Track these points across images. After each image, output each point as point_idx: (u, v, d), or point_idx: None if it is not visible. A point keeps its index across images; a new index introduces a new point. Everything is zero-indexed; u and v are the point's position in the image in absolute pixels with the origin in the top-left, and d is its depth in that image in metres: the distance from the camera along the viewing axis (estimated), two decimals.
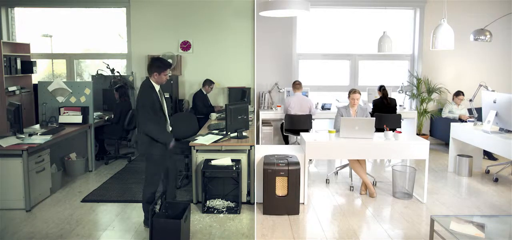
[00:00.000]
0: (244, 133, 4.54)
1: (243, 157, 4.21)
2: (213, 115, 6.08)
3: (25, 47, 6.95)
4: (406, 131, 6.25)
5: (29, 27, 7.53)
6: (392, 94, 6.55)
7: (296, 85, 6.12)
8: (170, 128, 3.70)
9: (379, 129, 4.89)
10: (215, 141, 4.28)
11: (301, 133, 4.79)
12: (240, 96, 6.97)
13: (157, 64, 3.49)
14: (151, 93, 3.44)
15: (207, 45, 7.22)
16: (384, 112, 5.91)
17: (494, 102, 4.84)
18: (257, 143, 6.45)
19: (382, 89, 6.09)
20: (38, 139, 4.32)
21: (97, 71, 6.97)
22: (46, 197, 4.44)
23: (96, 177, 5.24)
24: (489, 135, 4.75)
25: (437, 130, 7.22)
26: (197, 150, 4.23)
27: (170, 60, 5.75)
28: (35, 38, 7.47)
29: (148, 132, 3.43)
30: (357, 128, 4.38)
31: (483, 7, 7.14)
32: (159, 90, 3.55)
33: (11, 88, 6.48)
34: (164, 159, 3.63)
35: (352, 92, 4.87)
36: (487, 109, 4.97)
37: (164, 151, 3.57)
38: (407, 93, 7.21)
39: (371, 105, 6.22)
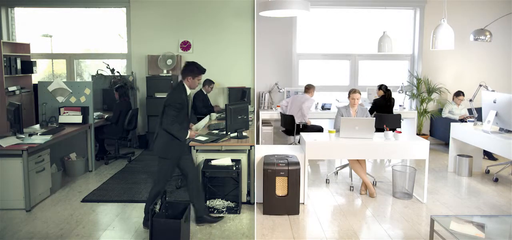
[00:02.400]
0: (244, 133, 4.54)
1: (243, 157, 4.21)
2: (213, 115, 6.08)
3: (25, 47, 6.95)
4: (406, 131, 6.27)
5: (29, 27, 7.53)
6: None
7: (305, 87, 6.24)
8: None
9: (379, 129, 4.89)
10: (215, 141, 4.28)
11: (301, 133, 4.79)
12: (240, 96, 6.97)
13: (191, 68, 3.58)
14: (180, 94, 3.53)
15: (207, 45, 7.22)
16: (385, 112, 5.91)
17: (494, 102, 4.84)
18: (257, 143, 6.45)
19: (386, 89, 6.08)
20: (38, 139, 4.32)
21: (97, 71, 6.97)
22: (46, 197, 4.44)
23: (96, 177, 5.24)
24: (489, 135, 4.75)
25: (437, 130, 7.22)
26: (197, 150, 4.23)
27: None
28: (35, 38, 7.48)
29: (169, 129, 3.47)
30: (357, 128, 4.38)
31: (483, 7, 7.14)
32: (189, 94, 3.63)
33: (11, 88, 6.48)
34: (177, 162, 3.65)
35: (352, 92, 4.87)
36: (487, 109, 4.97)
37: (179, 153, 3.60)
38: (407, 93, 7.21)
39: (370, 105, 6.23)
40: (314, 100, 6.42)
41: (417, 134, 6.67)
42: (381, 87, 6.16)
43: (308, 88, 6.18)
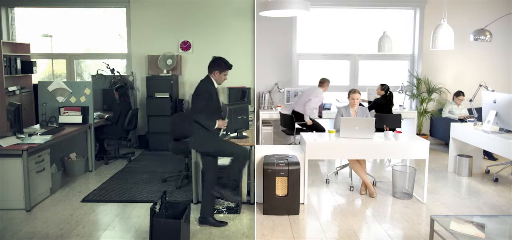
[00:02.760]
0: (244, 133, 4.54)
1: None
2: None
3: (25, 47, 6.95)
4: (406, 131, 6.26)
5: (29, 27, 7.53)
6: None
7: (319, 80, 6.13)
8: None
9: (379, 129, 4.90)
10: None
11: (301, 133, 4.80)
12: (240, 96, 6.97)
13: (218, 62, 3.62)
14: (208, 85, 3.57)
15: (207, 45, 7.22)
16: (384, 112, 5.91)
17: (494, 102, 4.84)
18: (257, 143, 6.45)
19: (387, 90, 6.06)
20: (38, 139, 4.32)
21: (97, 71, 6.97)
22: (46, 197, 4.44)
23: (96, 177, 5.24)
24: (489, 135, 4.75)
25: (437, 130, 7.22)
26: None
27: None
28: (35, 38, 7.48)
29: (197, 118, 3.52)
30: (357, 128, 4.38)
31: (483, 7, 7.14)
32: (216, 88, 3.67)
33: (11, 88, 6.48)
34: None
35: (352, 92, 4.87)
36: (487, 109, 4.97)
37: (218, 144, 3.69)
38: (407, 93, 7.21)
39: (367, 105, 6.23)
40: (323, 97, 6.19)
41: (417, 134, 6.67)
42: (383, 86, 6.13)
43: (322, 82, 6.06)
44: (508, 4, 7.07)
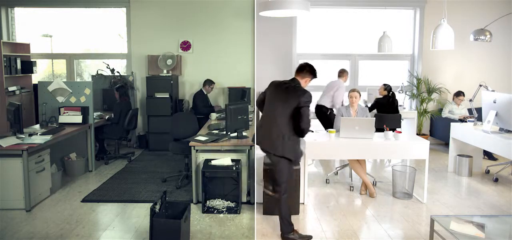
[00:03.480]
0: (244, 133, 4.54)
1: (243, 157, 4.22)
2: (213, 115, 6.08)
3: (25, 47, 6.95)
4: (406, 131, 6.26)
5: (29, 27, 7.53)
6: None
7: (338, 71, 6.09)
8: None
9: (379, 129, 4.89)
10: (215, 141, 4.28)
11: None
12: (240, 96, 6.97)
13: (313, 70, 3.54)
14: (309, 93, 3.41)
15: (207, 45, 7.22)
16: (387, 112, 5.89)
17: (494, 102, 4.84)
18: None
19: (390, 90, 6.04)
20: (38, 139, 4.32)
21: (97, 71, 6.97)
22: (46, 197, 4.44)
23: (96, 177, 5.24)
24: (489, 135, 4.75)
25: (437, 130, 7.22)
26: (197, 150, 4.23)
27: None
28: (35, 38, 7.48)
29: (307, 129, 3.39)
30: (357, 128, 4.38)
31: (483, 7, 7.14)
32: None
33: (11, 88, 6.48)
34: None
35: (351, 91, 4.87)
36: (487, 109, 4.97)
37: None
38: (407, 93, 7.21)
39: (369, 105, 6.21)
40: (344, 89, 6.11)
41: (417, 134, 6.67)
42: (386, 86, 6.10)
43: (342, 72, 6.05)
44: (508, 4, 7.07)
